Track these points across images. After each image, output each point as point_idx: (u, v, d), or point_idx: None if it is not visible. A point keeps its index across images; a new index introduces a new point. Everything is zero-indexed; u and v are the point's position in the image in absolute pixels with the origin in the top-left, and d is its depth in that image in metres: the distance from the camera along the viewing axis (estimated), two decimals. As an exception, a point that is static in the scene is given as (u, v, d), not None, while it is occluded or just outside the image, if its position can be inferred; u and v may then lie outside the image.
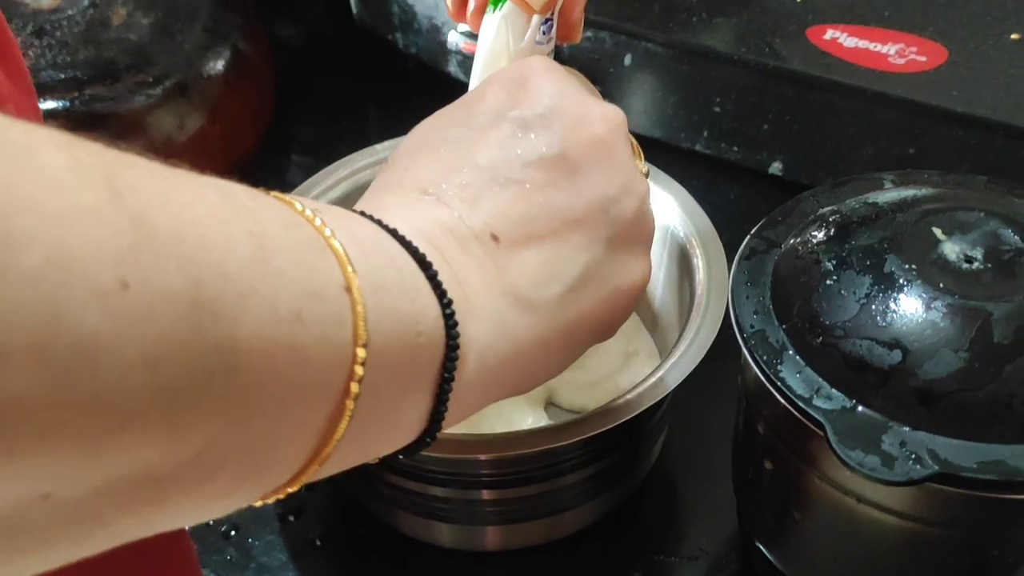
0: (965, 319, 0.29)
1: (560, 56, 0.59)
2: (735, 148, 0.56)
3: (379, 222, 0.26)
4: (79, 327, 0.16)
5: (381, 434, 0.25)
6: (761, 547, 0.38)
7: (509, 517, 0.42)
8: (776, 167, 0.56)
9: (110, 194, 0.17)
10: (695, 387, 0.41)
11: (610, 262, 0.30)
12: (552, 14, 0.35)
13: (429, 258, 0.26)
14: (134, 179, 0.18)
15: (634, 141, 0.35)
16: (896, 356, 0.29)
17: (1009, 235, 0.31)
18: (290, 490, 0.23)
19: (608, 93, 0.59)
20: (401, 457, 0.27)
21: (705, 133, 0.57)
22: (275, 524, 0.45)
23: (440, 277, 0.26)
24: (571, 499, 0.42)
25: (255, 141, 0.65)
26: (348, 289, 0.22)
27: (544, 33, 0.34)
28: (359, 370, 0.22)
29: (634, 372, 0.47)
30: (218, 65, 0.62)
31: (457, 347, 0.25)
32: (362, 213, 0.27)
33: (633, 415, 0.37)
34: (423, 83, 0.66)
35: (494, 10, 0.35)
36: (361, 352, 0.22)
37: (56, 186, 0.16)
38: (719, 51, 0.55)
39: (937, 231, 0.32)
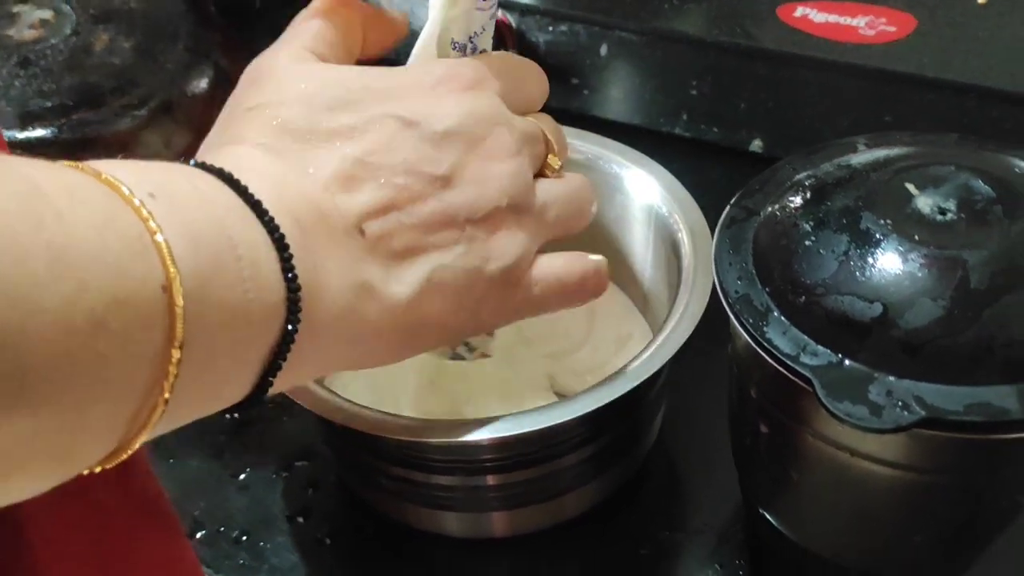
0: (942, 268, 0.30)
1: (536, 51, 0.60)
2: (715, 129, 0.57)
3: (244, 191, 0.26)
4: None
5: (201, 407, 0.26)
6: (765, 513, 0.38)
7: (514, 501, 0.43)
8: (756, 144, 0.57)
9: None
10: (689, 364, 0.42)
11: (462, 282, 0.31)
12: None
13: (288, 240, 0.26)
14: None
15: (555, 139, 0.35)
16: (877, 309, 0.30)
17: (980, 186, 0.32)
18: (115, 462, 0.23)
19: (586, 84, 0.59)
20: (226, 416, 0.28)
21: (684, 116, 0.58)
22: (284, 526, 0.45)
23: (294, 261, 0.26)
24: (574, 480, 0.43)
25: (242, 156, 0.66)
26: (167, 288, 0.22)
27: (484, 0, 0.34)
28: (172, 370, 0.22)
29: (629, 354, 0.48)
30: (201, 83, 0.63)
31: (296, 332, 0.26)
32: (229, 176, 0.26)
33: (629, 389, 0.38)
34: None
35: None
36: (176, 353, 0.22)
37: None
38: (692, 35, 0.56)
39: (910, 186, 0.32)
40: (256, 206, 0.26)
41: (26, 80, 0.59)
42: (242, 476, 0.47)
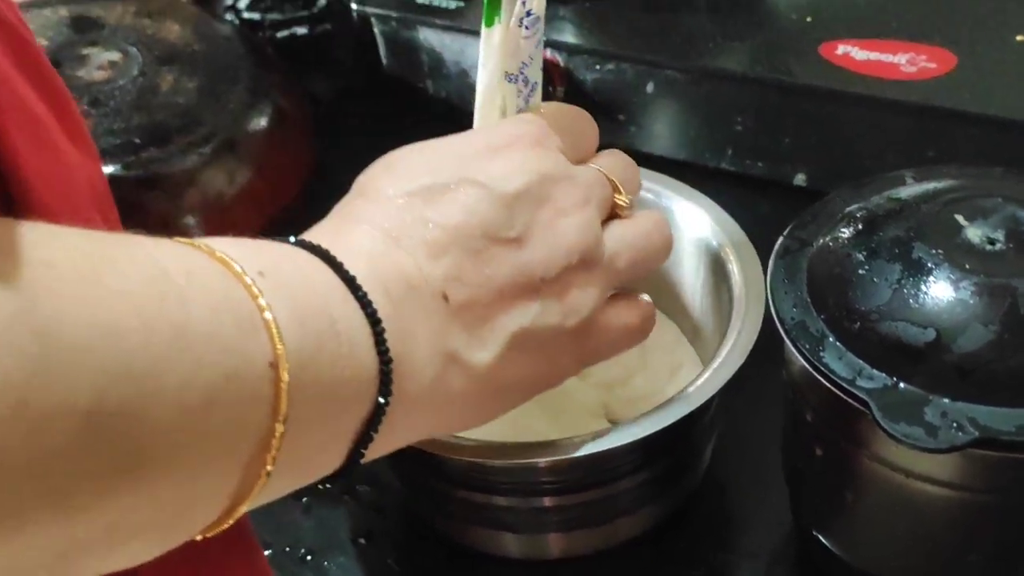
0: (992, 295, 0.31)
1: (584, 89, 0.62)
2: (759, 163, 0.59)
3: (339, 267, 0.27)
4: None
5: (298, 479, 0.27)
6: (818, 536, 0.39)
7: (571, 524, 0.44)
8: (800, 178, 0.58)
9: (22, 308, 0.17)
10: (740, 392, 0.43)
11: (542, 339, 0.32)
12: (533, 7, 0.35)
13: (380, 314, 0.27)
14: (54, 286, 0.19)
15: (623, 183, 0.36)
16: (931, 334, 0.31)
17: (1028, 216, 0.33)
18: (209, 534, 0.25)
19: (632, 120, 0.61)
20: (320, 487, 0.29)
21: (729, 151, 0.59)
22: (348, 547, 0.47)
23: (386, 335, 0.27)
24: (629, 503, 0.44)
25: (299, 191, 0.68)
26: (274, 365, 0.23)
27: (528, 28, 0.35)
28: (275, 443, 0.23)
29: (680, 382, 0.49)
30: (261, 121, 0.65)
31: (387, 404, 0.27)
32: (326, 253, 0.27)
33: (684, 415, 0.39)
34: (453, 124, 0.69)
35: (487, 26, 0.36)
36: (279, 427, 0.23)
37: None
38: (736, 73, 0.58)
39: (959, 217, 0.34)
40: (351, 282, 0.27)
41: (96, 119, 0.62)
42: (305, 498, 0.49)
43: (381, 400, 0.27)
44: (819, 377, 0.32)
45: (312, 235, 0.29)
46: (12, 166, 0.28)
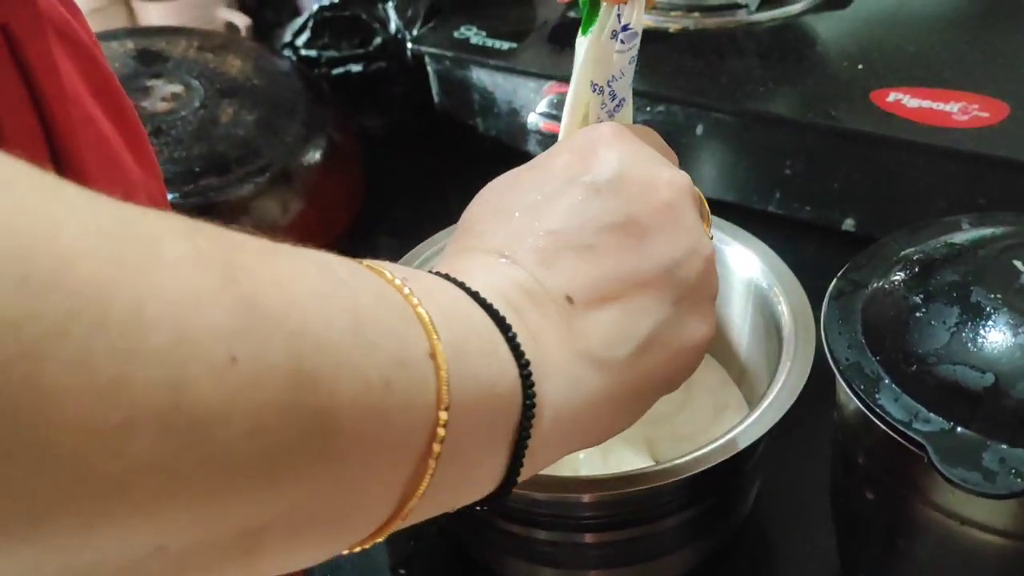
0: (1053, 342, 0.31)
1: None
2: (808, 207, 0.59)
3: (462, 284, 0.28)
4: (196, 399, 0.18)
5: (460, 488, 0.27)
6: (865, 582, 0.39)
7: (611, 560, 0.44)
8: (849, 224, 0.58)
9: (224, 279, 0.19)
10: (787, 434, 0.43)
11: (676, 322, 0.31)
12: (631, 22, 0.36)
13: (508, 320, 0.27)
14: (246, 262, 0.20)
15: (704, 202, 0.36)
16: (989, 379, 0.31)
17: (1088, 264, 0.33)
18: (376, 540, 0.25)
19: (683, 162, 0.61)
20: (478, 508, 0.29)
21: (777, 194, 0.60)
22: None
23: (518, 339, 0.27)
24: (670, 543, 0.44)
25: (349, 223, 0.69)
26: (433, 356, 0.24)
27: (623, 42, 0.36)
28: (441, 431, 0.24)
29: (725, 425, 0.49)
30: (315, 155, 0.67)
31: (533, 406, 0.27)
32: (446, 276, 0.28)
33: (731, 455, 0.39)
34: (501, 163, 0.70)
35: (583, 35, 0.36)
36: (443, 415, 0.24)
37: (179, 274, 0.18)
38: (786, 117, 0.58)
39: (1018, 263, 0.34)
40: (475, 295, 0.28)
41: (158, 148, 0.64)
42: (347, 526, 0.49)
43: (527, 401, 0.27)
44: (874, 419, 0.32)
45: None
46: (80, 183, 0.29)
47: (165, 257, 0.18)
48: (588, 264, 0.30)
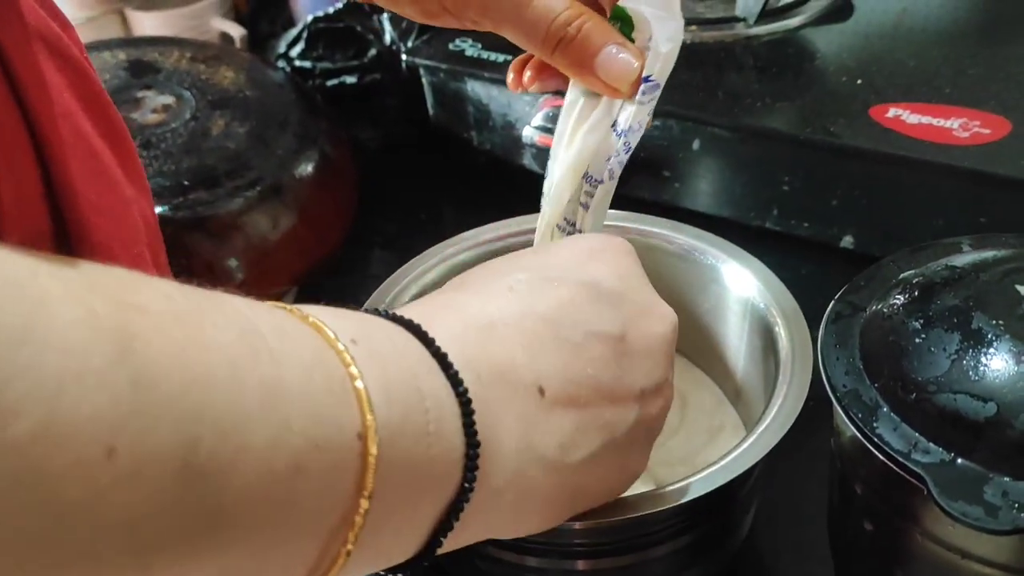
0: (1057, 371, 0.30)
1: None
2: (805, 224, 0.58)
3: (430, 343, 0.26)
4: (57, 495, 0.16)
5: (373, 562, 0.26)
6: (863, 613, 0.38)
7: (605, 589, 0.43)
8: (847, 241, 0.57)
9: (117, 352, 0.17)
10: (782, 460, 0.42)
11: (625, 446, 0.31)
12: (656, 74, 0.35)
13: (471, 394, 0.26)
14: (146, 329, 0.18)
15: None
16: (991, 408, 0.30)
17: (1093, 289, 0.32)
18: None
19: (677, 177, 0.61)
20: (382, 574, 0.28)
21: (775, 211, 0.59)
22: (375, 601, 0.46)
23: (476, 418, 0.26)
24: (665, 570, 0.43)
25: (341, 237, 0.69)
26: (363, 436, 0.22)
27: (644, 94, 0.35)
28: (359, 520, 0.22)
29: (721, 446, 0.48)
30: (307, 168, 0.66)
31: (471, 490, 0.26)
32: (415, 327, 0.26)
33: (726, 481, 0.38)
34: (496, 177, 0.69)
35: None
36: (364, 503, 0.22)
37: (63, 347, 0.16)
38: (784, 133, 0.57)
39: (1020, 288, 0.33)
40: (442, 359, 0.26)
41: (147, 160, 0.63)
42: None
43: (466, 484, 0.26)
44: (872, 448, 0.31)
45: (404, 311, 0.29)
46: (70, 198, 0.28)
47: (49, 324, 0.16)
48: (571, 362, 0.29)
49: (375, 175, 0.74)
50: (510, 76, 0.39)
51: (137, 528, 0.17)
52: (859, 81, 0.59)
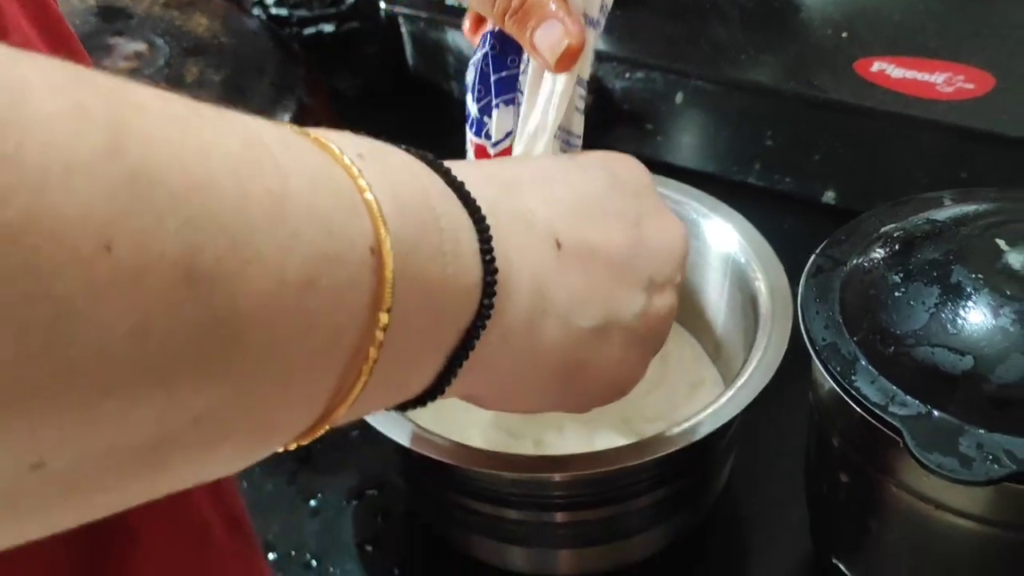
0: (1035, 324, 0.30)
1: (612, 97, 0.62)
2: (788, 179, 0.58)
3: (446, 172, 0.25)
4: (54, 292, 0.15)
5: (389, 394, 0.25)
6: (839, 564, 0.38)
7: (581, 540, 0.43)
8: (829, 196, 0.57)
9: (110, 147, 0.16)
10: (761, 413, 0.42)
11: (626, 335, 0.31)
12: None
13: (488, 221, 0.25)
14: (142, 128, 0.17)
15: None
16: (968, 362, 0.30)
17: (1072, 244, 0.32)
18: (303, 442, 0.23)
19: (660, 130, 0.60)
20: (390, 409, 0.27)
21: (757, 165, 0.58)
22: (353, 552, 0.46)
23: (493, 244, 0.25)
24: (643, 522, 0.43)
25: (319, 189, 0.68)
26: (376, 250, 0.21)
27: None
28: (379, 335, 0.21)
29: (701, 400, 0.48)
30: (284, 117, 0.65)
31: (488, 316, 0.25)
32: (431, 160, 0.26)
33: (705, 435, 0.38)
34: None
35: None
36: (384, 317, 0.21)
37: (47, 137, 0.15)
38: (768, 86, 0.57)
39: (1000, 242, 0.33)
40: (459, 187, 0.25)
41: (120, 109, 0.62)
42: (313, 501, 0.48)
43: (483, 311, 0.25)
44: (849, 401, 0.31)
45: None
46: None
47: (30, 114, 0.15)
48: (588, 230, 0.29)
49: (354, 124, 0.73)
50: (466, 24, 0.40)
51: (145, 335, 0.16)
52: (844, 34, 0.58)
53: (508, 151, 0.36)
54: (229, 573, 0.33)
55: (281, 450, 0.22)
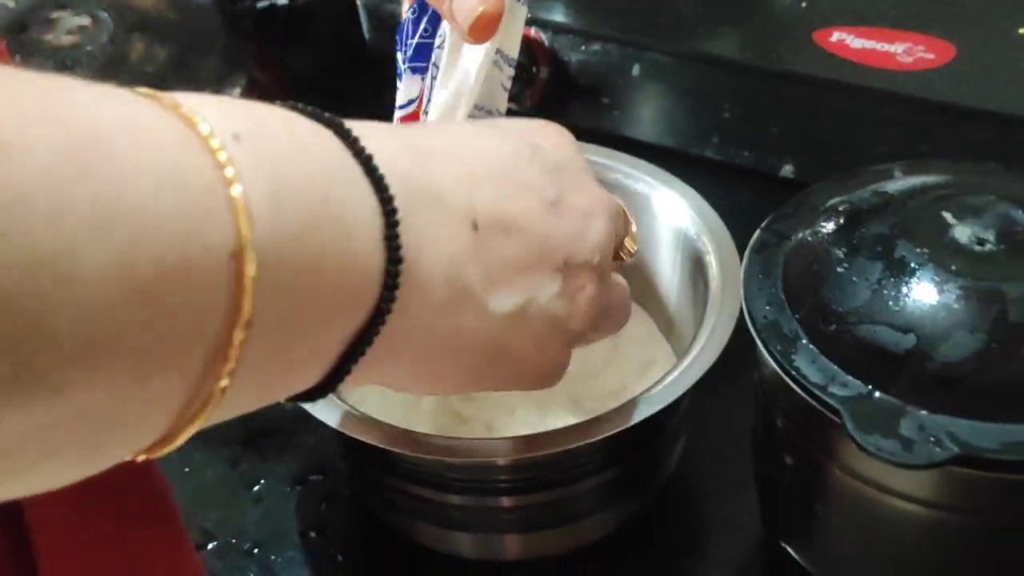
0: (979, 300, 0.29)
1: (568, 70, 0.60)
2: (746, 153, 0.57)
3: (354, 142, 0.23)
4: None
5: (265, 393, 0.23)
6: (787, 547, 0.37)
7: (528, 525, 0.42)
8: (787, 170, 0.56)
9: None
10: (713, 391, 0.41)
11: (545, 319, 0.29)
12: None
13: (397, 203, 0.23)
14: None
15: (631, 221, 0.35)
16: (911, 340, 0.29)
17: (1021, 216, 0.31)
18: (156, 453, 0.21)
19: (617, 104, 0.59)
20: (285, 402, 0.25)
21: (715, 139, 0.57)
22: (296, 540, 0.45)
23: (400, 231, 0.23)
24: (591, 505, 0.42)
25: (271, 167, 0.66)
26: (237, 255, 0.19)
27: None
28: (234, 353, 0.19)
29: (652, 378, 0.47)
30: (234, 93, 0.63)
31: (388, 312, 0.23)
32: (339, 126, 0.23)
33: (651, 413, 0.37)
34: (435, 104, 0.67)
35: None
36: (239, 334, 0.19)
37: None
38: (726, 58, 0.55)
39: (948, 215, 0.31)
40: (366, 160, 0.23)
41: (61, 85, 0.60)
42: (256, 488, 0.47)
43: (383, 306, 0.23)
44: (790, 382, 0.30)
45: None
46: None
47: None
48: (504, 207, 0.28)
49: (308, 102, 0.71)
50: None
51: None
52: (803, 4, 0.57)
53: (412, 118, 0.34)
54: (151, 560, 0.32)
55: (130, 458, 0.21)
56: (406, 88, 0.34)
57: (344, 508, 0.46)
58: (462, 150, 0.28)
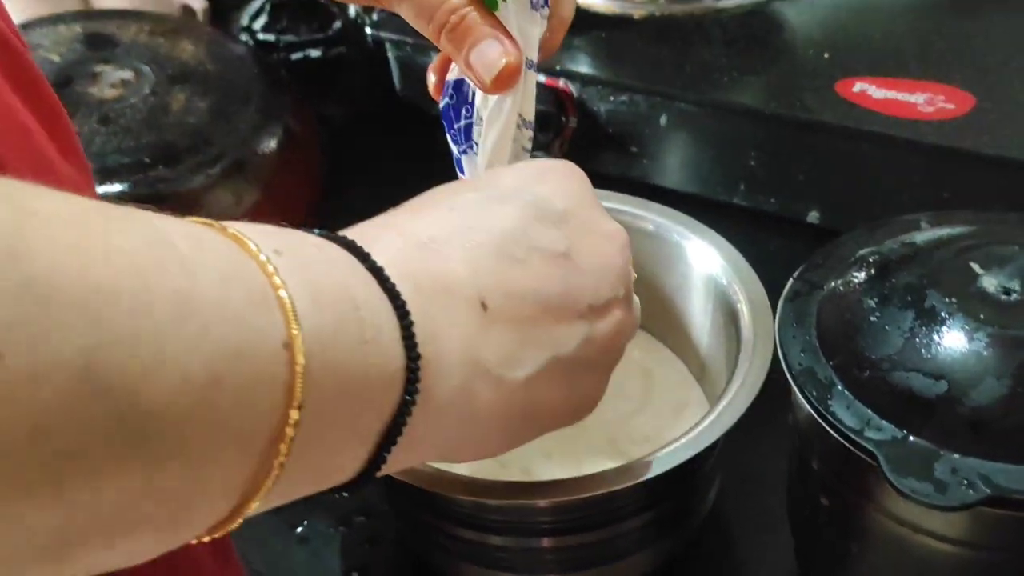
0: (1007, 348, 0.30)
1: (596, 120, 0.62)
2: (772, 199, 0.58)
3: (365, 257, 0.26)
4: None
5: (312, 481, 0.25)
6: (821, 586, 0.38)
7: (568, 565, 0.43)
8: (814, 216, 0.57)
9: (7, 255, 0.17)
10: (746, 434, 0.42)
11: (574, 365, 0.30)
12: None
13: (408, 307, 0.25)
14: (43, 233, 0.18)
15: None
16: (942, 386, 0.30)
17: (1045, 266, 0.32)
18: (219, 533, 0.23)
19: (645, 152, 0.61)
20: (336, 495, 0.27)
21: (742, 186, 0.59)
22: (341, 580, 0.46)
23: (415, 329, 0.25)
24: (628, 546, 0.43)
25: (306, 214, 0.68)
26: (288, 346, 0.21)
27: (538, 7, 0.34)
28: (290, 431, 0.21)
29: (686, 422, 0.48)
30: (271, 143, 0.65)
31: (412, 403, 0.25)
32: (350, 244, 0.26)
33: (689, 457, 0.38)
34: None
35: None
36: (295, 414, 0.21)
37: None
38: (751, 107, 0.57)
39: (975, 265, 0.33)
40: (378, 272, 0.25)
41: (105, 137, 0.62)
42: (300, 529, 0.48)
43: (407, 397, 0.25)
44: (826, 426, 0.31)
45: (341, 232, 0.28)
46: None
47: None
48: (515, 277, 0.29)
49: (341, 151, 0.73)
50: (431, 79, 0.39)
51: (47, 437, 0.17)
52: (826, 55, 0.59)
53: None
54: None
55: (195, 541, 0.22)
56: (469, 169, 0.36)
57: (388, 549, 0.47)
58: (465, 229, 0.29)
